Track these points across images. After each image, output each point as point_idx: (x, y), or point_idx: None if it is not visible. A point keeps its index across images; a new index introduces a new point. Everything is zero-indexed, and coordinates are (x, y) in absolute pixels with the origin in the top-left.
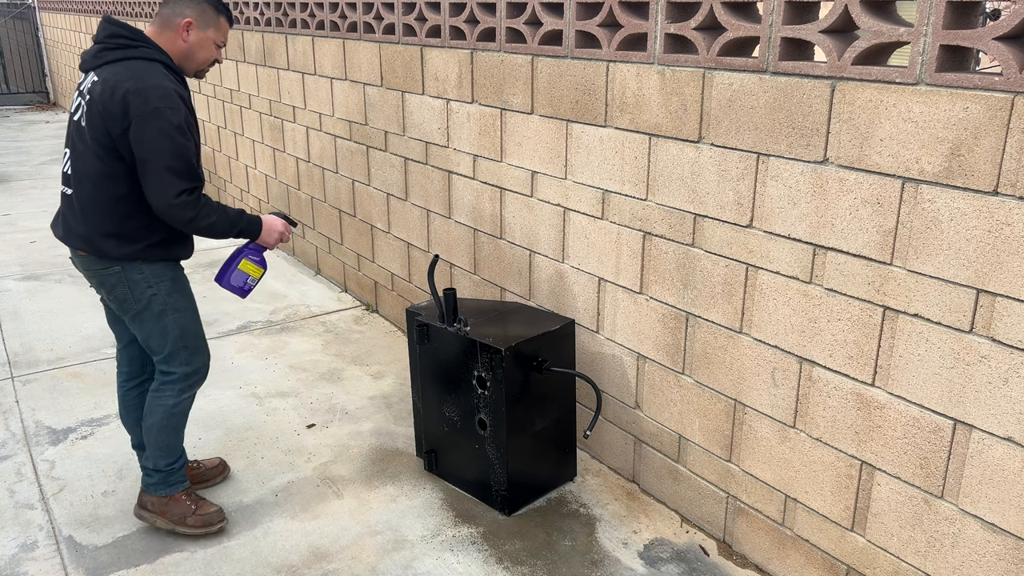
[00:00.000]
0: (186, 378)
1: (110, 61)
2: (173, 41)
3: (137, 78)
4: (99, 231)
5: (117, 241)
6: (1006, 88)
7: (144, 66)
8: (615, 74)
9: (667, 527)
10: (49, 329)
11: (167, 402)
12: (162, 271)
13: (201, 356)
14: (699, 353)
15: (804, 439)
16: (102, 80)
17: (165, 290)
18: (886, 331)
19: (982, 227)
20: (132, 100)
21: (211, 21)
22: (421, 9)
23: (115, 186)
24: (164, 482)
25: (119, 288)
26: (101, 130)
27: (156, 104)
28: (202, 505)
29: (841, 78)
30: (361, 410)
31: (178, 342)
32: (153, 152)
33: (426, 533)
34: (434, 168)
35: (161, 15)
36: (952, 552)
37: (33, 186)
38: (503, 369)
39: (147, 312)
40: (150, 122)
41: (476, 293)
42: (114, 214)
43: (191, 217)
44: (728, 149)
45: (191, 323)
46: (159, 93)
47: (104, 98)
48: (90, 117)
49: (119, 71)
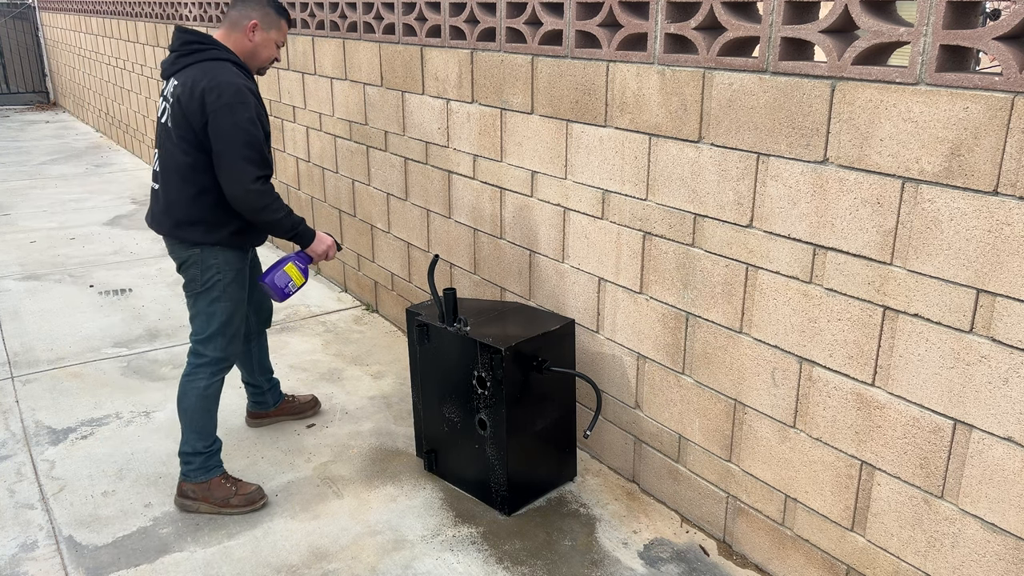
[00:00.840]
0: (217, 363)
1: (186, 65)
2: (240, 42)
3: (211, 77)
4: (185, 219)
5: (203, 228)
6: (1006, 88)
7: (216, 66)
8: (615, 74)
9: (667, 527)
10: (49, 329)
11: (199, 384)
12: (233, 261)
13: (234, 346)
14: (699, 353)
15: (804, 439)
16: (181, 83)
17: (228, 279)
18: (886, 331)
19: (982, 227)
20: (208, 97)
21: (273, 23)
22: (421, 9)
23: (200, 177)
24: (203, 467)
25: (192, 269)
26: (185, 127)
27: (228, 99)
28: (241, 486)
29: (841, 78)
30: (361, 410)
31: (221, 328)
32: (228, 143)
33: (426, 533)
34: (434, 168)
35: (229, 18)
36: (952, 552)
37: (33, 186)
38: (503, 369)
39: (206, 294)
40: (224, 116)
41: (476, 293)
42: (199, 203)
43: (264, 205)
44: (728, 149)
45: (236, 315)
46: (231, 90)
47: (184, 98)
48: (174, 116)
49: (195, 73)
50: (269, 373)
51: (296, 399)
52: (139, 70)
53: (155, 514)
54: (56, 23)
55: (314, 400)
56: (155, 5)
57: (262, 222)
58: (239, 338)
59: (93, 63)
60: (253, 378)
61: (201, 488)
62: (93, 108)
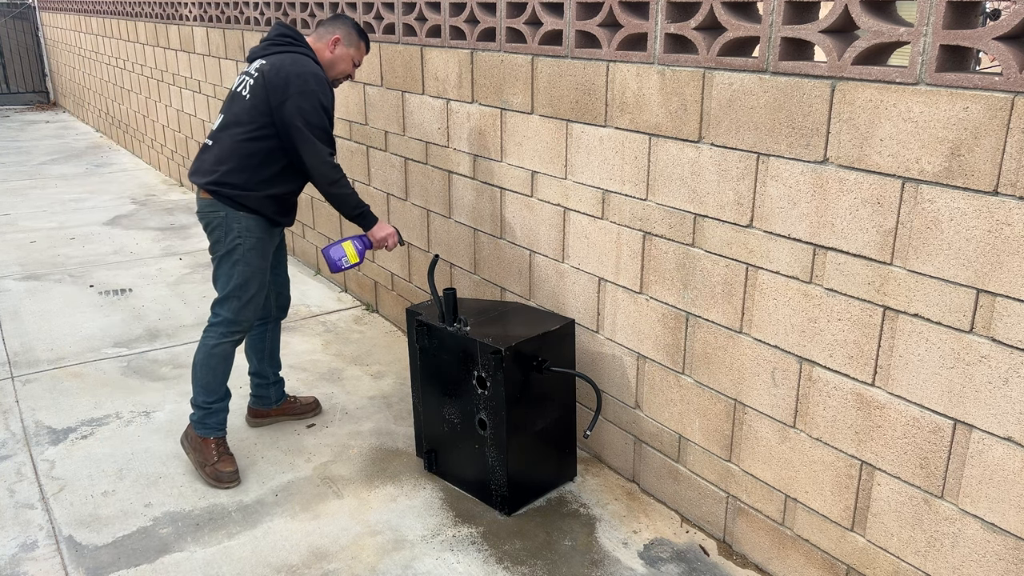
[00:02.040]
0: (228, 324)
1: (277, 52)
2: (323, 51)
3: (300, 64)
4: (226, 178)
5: (238, 189)
6: (1006, 88)
7: (304, 59)
8: (615, 74)
9: (667, 527)
10: (49, 329)
11: (208, 342)
12: (255, 229)
13: (247, 312)
14: (699, 353)
15: (804, 439)
16: (270, 63)
17: (249, 244)
18: (886, 331)
19: (982, 227)
20: (294, 80)
21: (354, 43)
22: (421, 9)
23: (253, 145)
24: (201, 422)
25: (218, 231)
26: (262, 98)
27: (313, 86)
28: (224, 461)
29: (841, 78)
30: (361, 410)
31: (235, 291)
32: (308, 122)
33: (426, 533)
34: (434, 168)
35: (319, 30)
36: (952, 552)
37: (33, 186)
38: (503, 369)
39: (227, 257)
40: (309, 97)
41: (476, 293)
42: (245, 166)
43: (338, 178)
44: (728, 149)
45: (253, 282)
46: (316, 79)
47: (271, 75)
48: (253, 88)
49: (284, 58)
50: (277, 368)
51: (298, 400)
52: (139, 70)
53: (155, 514)
54: (56, 23)
55: (315, 402)
56: (155, 5)
57: (333, 195)
58: (253, 306)
59: (93, 63)
60: (261, 367)
61: (196, 440)
62: (93, 108)
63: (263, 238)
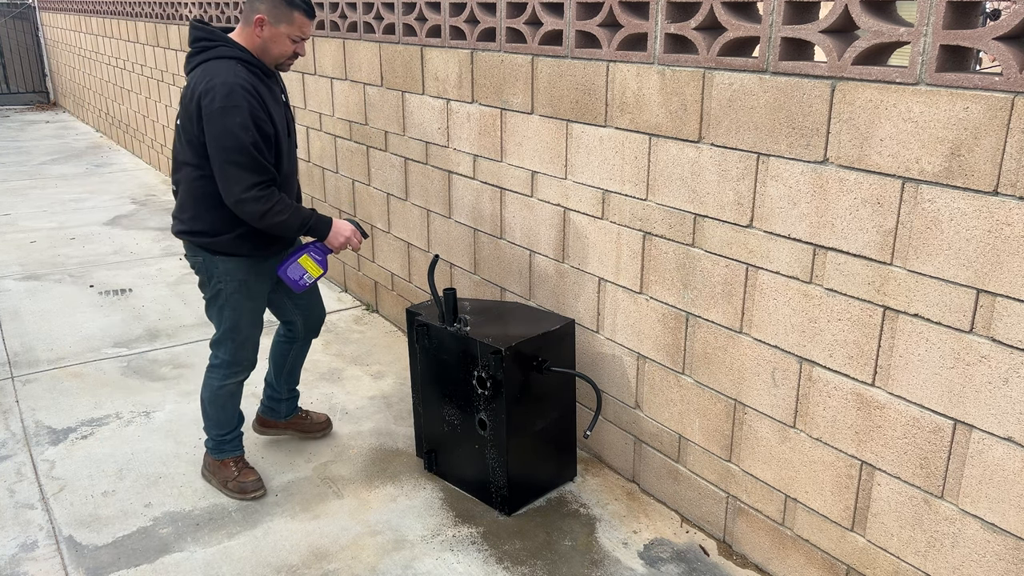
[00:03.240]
0: (228, 366)
1: (196, 65)
2: (250, 36)
3: (209, 78)
4: (190, 224)
5: (206, 235)
6: (1006, 88)
7: (217, 66)
8: (615, 74)
9: (667, 527)
10: (49, 329)
11: (213, 383)
12: (235, 270)
13: (245, 352)
14: (699, 353)
15: (804, 439)
16: (187, 85)
17: (231, 289)
18: (886, 331)
19: (982, 227)
20: (203, 100)
21: (284, 16)
22: (421, 9)
23: (203, 182)
24: (216, 448)
25: (201, 275)
26: (189, 130)
27: (221, 103)
28: (244, 473)
29: (841, 78)
30: (361, 410)
31: (227, 334)
32: (218, 148)
33: (426, 533)
34: (434, 168)
35: (244, 12)
36: (952, 552)
37: (33, 186)
38: (503, 369)
39: (213, 300)
40: (216, 120)
41: (476, 293)
42: (202, 208)
43: (264, 211)
44: (728, 149)
45: (244, 323)
46: (224, 91)
47: (186, 101)
48: (182, 120)
49: (198, 74)
50: (294, 383)
51: (309, 416)
52: (139, 70)
53: (155, 514)
54: (56, 23)
55: (327, 422)
56: (155, 5)
57: (267, 228)
58: (251, 345)
59: (93, 63)
60: (277, 381)
61: (214, 464)
62: (93, 108)
63: (246, 280)
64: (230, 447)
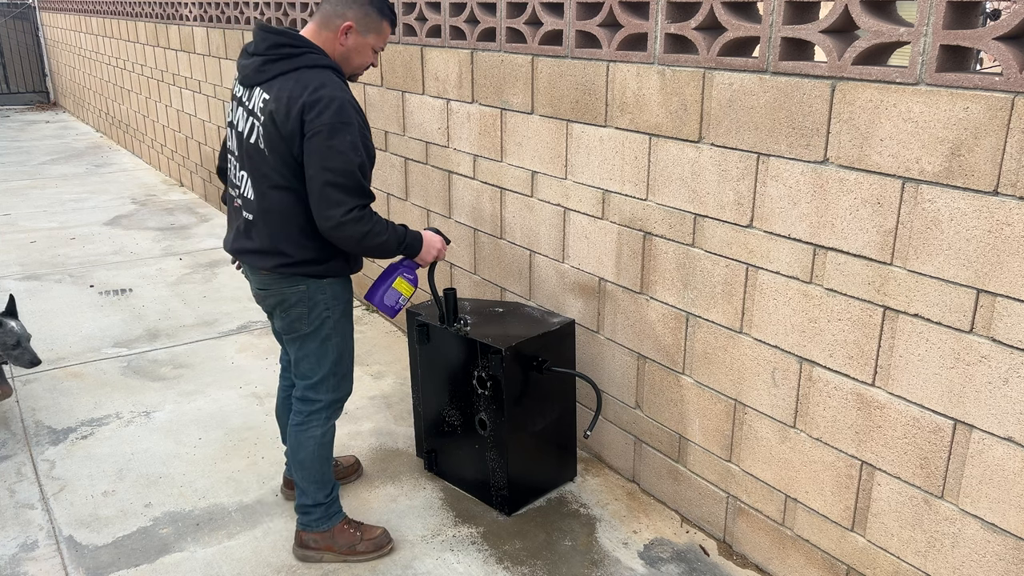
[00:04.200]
0: (331, 405)
1: (278, 74)
2: (331, 42)
3: (311, 89)
4: (294, 255)
5: (313, 263)
6: (1006, 88)
7: (314, 76)
8: (615, 74)
9: (667, 527)
10: (49, 329)
11: (315, 433)
12: (342, 292)
13: (347, 383)
14: (699, 353)
15: (804, 439)
16: (274, 98)
17: (339, 313)
18: (886, 331)
19: (982, 227)
20: (307, 115)
21: (373, 26)
22: (421, 9)
23: (306, 208)
24: (326, 515)
25: (298, 307)
26: (285, 151)
27: (331, 119)
28: (366, 530)
29: (841, 78)
30: (361, 410)
31: (333, 367)
32: (322, 168)
33: (426, 533)
34: (434, 168)
35: (321, 12)
36: (952, 552)
37: (33, 186)
38: (503, 369)
39: (315, 334)
40: (323, 137)
41: (476, 293)
42: (307, 235)
43: (364, 232)
44: (728, 149)
45: (348, 351)
46: (335, 106)
47: (280, 117)
48: (269, 139)
49: (291, 86)
50: None
51: (339, 462)
52: (139, 70)
53: (155, 514)
54: (56, 23)
55: (356, 463)
56: (155, 5)
57: (364, 250)
58: (351, 372)
59: (93, 63)
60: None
61: (324, 537)
62: (93, 108)
63: (350, 299)
64: (337, 507)
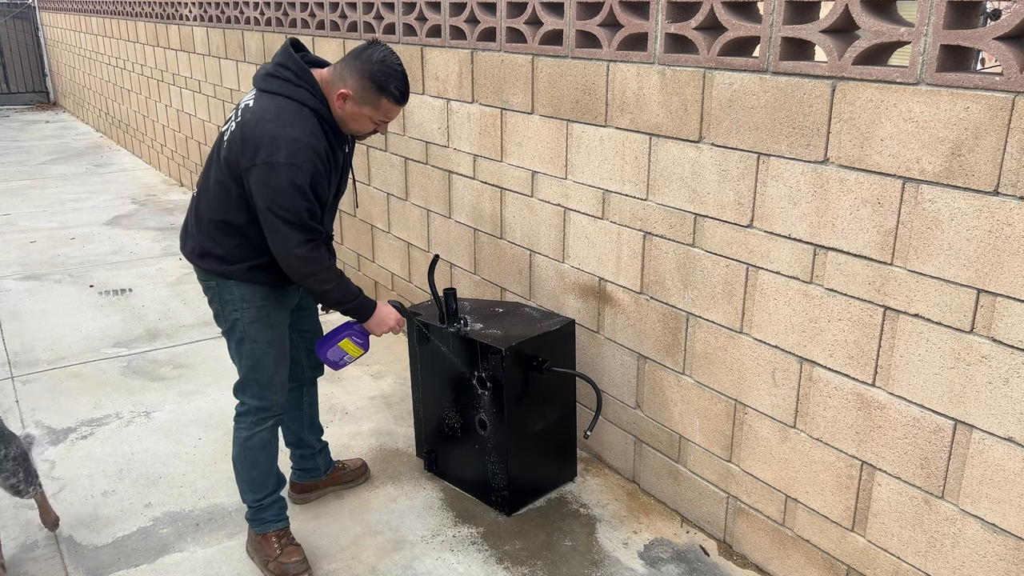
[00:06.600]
0: (257, 412)
1: (269, 91)
2: (331, 98)
3: (280, 122)
4: (203, 247)
5: (217, 260)
6: (1006, 88)
7: (291, 110)
8: (615, 74)
9: (667, 527)
10: (49, 329)
11: (240, 435)
12: (252, 296)
13: (273, 393)
14: (699, 353)
15: (804, 439)
16: (253, 110)
17: (248, 318)
18: (887, 331)
19: (983, 227)
20: (264, 143)
21: (370, 100)
22: (421, 9)
23: (230, 210)
24: (255, 518)
25: (214, 303)
26: (236, 156)
27: (285, 159)
28: (288, 552)
29: (842, 78)
30: (361, 410)
31: (250, 372)
32: (270, 200)
33: (426, 533)
34: (434, 168)
35: (336, 67)
36: (952, 552)
37: (33, 186)
38: (503, 369)
39: (230, 334)
40: (273, 172)
41: (476, 293)
42: (220, 234)
43: (310, 273)
44: (728, 149)
45: (267, 358)
46: (292, 148)
47: (246, 129)
48: (231, 141)
49: (269, 107)
50: (319, 431)
51: (346, 466)
52: (139, 70)
53: (155, 514)
54: (56, 23)
55: (364, 466)
56: (155, 5)
57: (310, 289)
58: (279, 384)
59: (93, 63)
60: (303, 435)
61: (255, 539)
62: (93, 108)
63: (265, 306)
64: (271, 516)
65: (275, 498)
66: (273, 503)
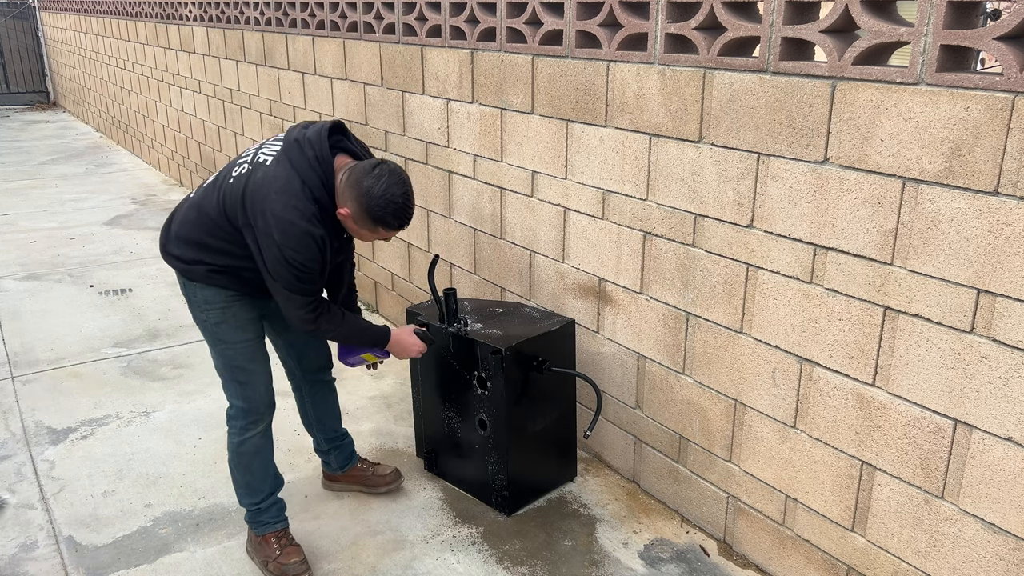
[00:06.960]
0: (244, 414)
1: (292, 158)
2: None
3: (283, 199)
4: (173, 243)
5: (177, 259)
6: (1006, 88)
7: (300, 193)
8: (615, 74)
9: (667, 527)
10: (49, 329)
11: (233, 440)
12: (214, 297)
13: (256, 394)
14: (699, 353)
15: (804, 439)
16: (266, 171)
17: (214, 319)
18: (887, 331)
19: (983, 227)
20: (260, 216)
21: (365, 224)
22: (421, 9)
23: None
24: (254, 520)
25: (188, 304)
26: (234, 205)
27: (277, 238)
28: (288, 552)
29: (842, 78)
30: (361, 410)
31: (224, 372)
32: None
33: (426, 533)
34: (434, 168)
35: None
36: (952, 552)
37: (33, 186)
38: (503, 369)
39: (203, 333)
40: (272, 246)
41: (476, 293)
42: (191, 246)
43: (311, 331)
44: (728, 149)
45: (241, 359)
46: (287, 231)
47: (253, 187)
48: (234, 187)
49: (280, 176)
50: (330, 432)
51: (373, 470)
52: (139, 70)
53: (155, 514)
54: (56, 23)
55: (395, 474)
56: (155, 5)
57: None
58: (261, 385)
59: (93, 63)
60: (312, 433)
61: (255, 540)
62: (93, 108)
63: (230, 307)
64: (270, 517)
65: (272, 500)
66: (271, 505)
